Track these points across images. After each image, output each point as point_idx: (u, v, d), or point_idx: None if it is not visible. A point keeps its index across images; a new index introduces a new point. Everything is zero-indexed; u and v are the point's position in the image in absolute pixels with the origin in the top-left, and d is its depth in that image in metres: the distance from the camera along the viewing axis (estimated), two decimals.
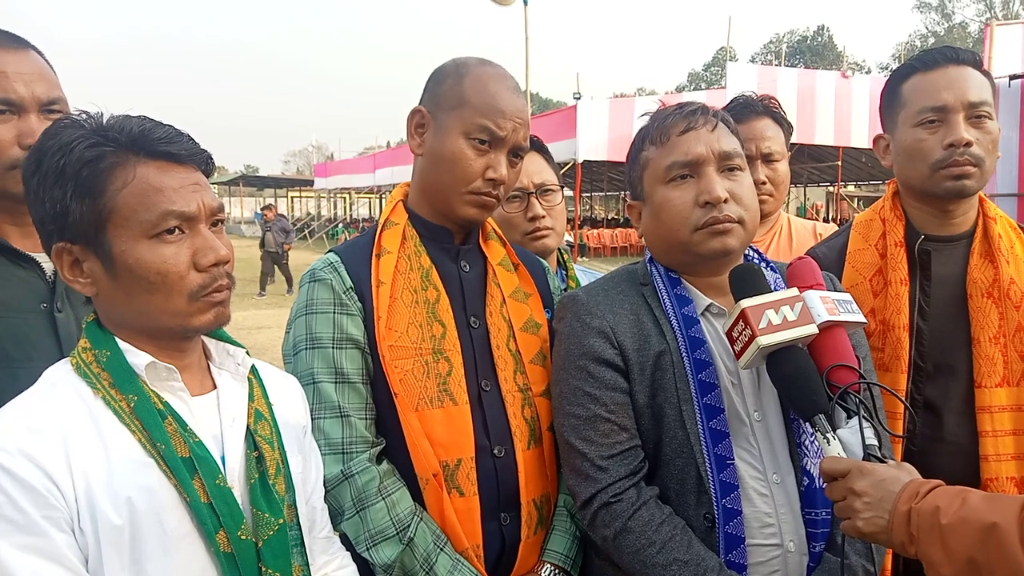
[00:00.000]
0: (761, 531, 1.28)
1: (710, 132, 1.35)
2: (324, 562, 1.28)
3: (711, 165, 1.34)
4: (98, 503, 0.97)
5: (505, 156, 1.45)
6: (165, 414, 1.05)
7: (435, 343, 1.41)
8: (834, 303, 1.23)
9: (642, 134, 1.44)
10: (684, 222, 1.34)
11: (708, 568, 1.24)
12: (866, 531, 1.06)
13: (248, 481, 1.10)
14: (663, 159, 1.36)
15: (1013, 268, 1.63)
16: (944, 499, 1.00)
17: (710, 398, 1.30)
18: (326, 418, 1.36)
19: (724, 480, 1.27)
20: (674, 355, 1.33)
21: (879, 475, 1.07)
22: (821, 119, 17.09)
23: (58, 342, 1.38)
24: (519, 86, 1.50)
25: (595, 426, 1.33)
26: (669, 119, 1.38)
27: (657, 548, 1.25)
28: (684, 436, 1.30)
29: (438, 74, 1.50)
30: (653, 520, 1.27)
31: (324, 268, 1.44)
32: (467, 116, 1.42)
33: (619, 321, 1.37)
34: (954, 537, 0.97)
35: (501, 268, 1.56)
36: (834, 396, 1.16)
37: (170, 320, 1.07)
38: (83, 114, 1.07)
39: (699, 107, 1.39)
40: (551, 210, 1.92)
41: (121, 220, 1.03)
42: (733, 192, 1.33)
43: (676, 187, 1.35)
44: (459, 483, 1.37)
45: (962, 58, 1.63)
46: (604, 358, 1.34)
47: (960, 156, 1.57)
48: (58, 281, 1.42)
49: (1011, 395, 1.59)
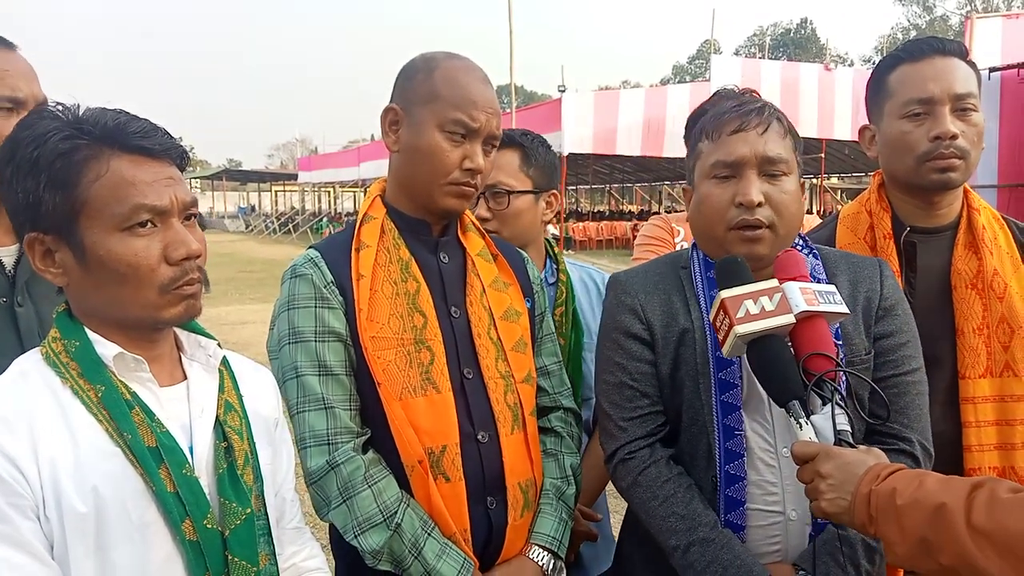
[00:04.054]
0: (764, 498, 1.36)
1: (760, 135, 1.37)
2: (293, 552, 1.30)
3: (752, 168, 1.36)
4: (64, 491, 0.99)
5: (480, 146, 1.47)
6: (132, 404, 1.06)
7: (416, 333, 1.43)
8: (814, 294, 1.25)
9: (700, 124, 1.45)
10: (720, 219, 1.38)
11: (702, 523, 1.34)
12: (830, 512, 1.09)
13: (216, 471, 1.11)
14: (711, 155, 1.40)
15: (996, 259, 1.63)
16: (902, 481, 1.02)
17: (725, 373, 1.38)
18: (311, 410, 1.37)
19: (729, 448, 1.36)
20: (697, 332, 1.41)
21: (845, 458, 1.10)
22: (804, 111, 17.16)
23: (19, 336, 1.38)
24: (487, 76, 1.52)
25: (620, 391, 1.45)
26: (725, 115, 1.40)
27: (659, 501, 1.38)
28: (699, 406, 1.39)
29: (407, 70, 1.51)
30: (660, 477, 1.40)
31: (304, 264, 1.45)
32: (440, 110, 1.44)
33: (650, 300, 1.47)
34: (907, 517, 0.99)
35: (480, 259, 1.57)
36: (809, 383, 1.19)
37: (140, 312, 1.08)
38: (59, 106, 1.07)
39: (755, 107, 1.40)
40: (500, 213, 1.86)
41: (93, 212, 1.03)
42: (770, 196, 1.35)
43: (718, 184, 1.39)
44: (444, 469, 1.39)
45: (948, 49, 1.62)
46: (632, 332, 1.46)
47: (946, 149, 1.57)
48: (18, 275, 1.42)
49: (994, 386, 1.60)
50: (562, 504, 1.54)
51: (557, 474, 1.57)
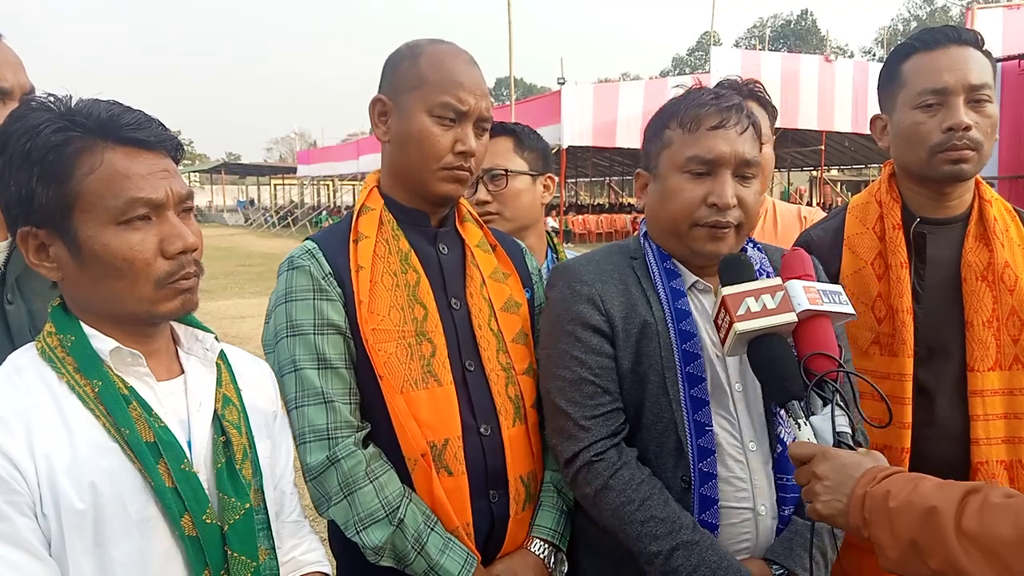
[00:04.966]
0: (735, 495, 1.34)
1: (739, 135, 1.36)
2: (292, 545, 1.29)
3: (729, 168, 1.36)
4: (61, 488, 0.98)
5: (471, 128, 1.46)
6: (130, 399, 1.05)
7: (417, 325, 1.41)
8: (818, 293, 1.24)
9: (672, 110, 1.43)
10: (688, 216, 1.37)
11: (682, 526, 1.30)
12: (825, 514, 1.09)
13: (215, 466, 1.10)
14: (687, 148, 1.37)
15: (1008, 251, 1.61)
16: (897, 484, 1.01)
17: (693, 367, 1.35)
18: (310, 405, 1.36)
19: (701, 445, 1.33)
20: (659, 325, 1.38)
21: (841, 460, 1.09)
22: (804, 103, 17.15)
23: (9, 335, 1.37)
24: (473, 59, 1.51)
25: (580, 388, 1.38)
26: (705, 109, 1.38)
27: (636, 505, 1.31)
28: (666, 402, 1.35)
29: (393, 59, 1.50)
30: (633, 479, 1.33)
31: (302, 255, 1.43)
32: (428, 94, 1.42)
33: (608, 289, 1.41)
34: (899, 520, 0.98)
35: (479, 250, 1.56)
36: (810, 383, 1.17)
37: (136, 306, 1.07)
38: (51, 97, 1.05)
39: (735, 103, 1.39)
40: (499, 195, 1.91)
41: (88, 206, 1.02)
42: (741, 198, 1.36)
43: (690, 179, 1.37)
44: (447, 462, 1.38)
45: (964, 38, 1.59)
46: (591, 324, 1.39)
47: (959, 140, 1.55)
48: (8, 272, 1.41)
49: (1003, 379, 1.59)
50: (563, 497, 1.53)
51: (557, 467, 1.54)
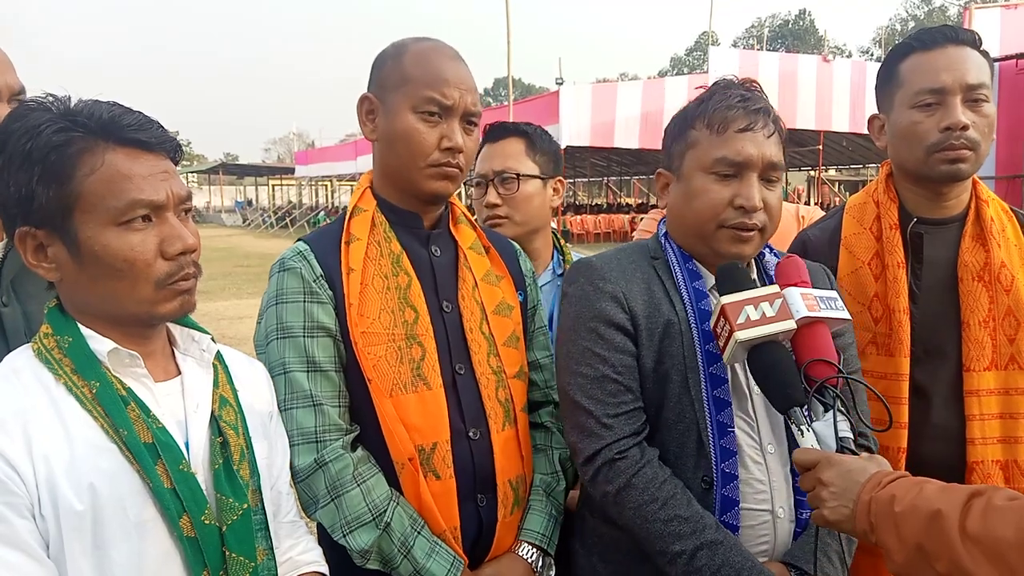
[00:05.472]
0: (754, 496, 1.34)
1: (766, 138, 1.36)
2: (289, 545, 1.29)
3: (755, 171, 1.35)
4: (59, 489, 0.98)
5: (458, 124, 1.44)
6: (128, 400, 1.05)
7: (408, 328, 1.41)
8: (815, 300, 1.25)
9: (698, 111, 1.42)
10: (714, 217, 1.36)
11: (706, 526, 1.29)
12: (832, 519, 1.09)
13: (212, 467, 1.10)
14: (714, 149, 1.36)
15: (1004, 252, 1.61)
16: (901, 488, 1.02)
17: (716, 368, 1.35)
18: (299, 407, 1.35)
19: (724, 446, 1.32)
20: (683, 324, 1.37)
21: (846, 466, 1.10)
22: (802, 103, 17.15)
23: (4, 336, 1.37)
24: (459, 54, 1.49)
25: (603, 386, 1.37)
26: (733, 111, 1.37)
27: (659, 504, 1.30)
28: (688, 402, 1.34)
29: (379, 59, 1.49)
30: (656, 478, 1.32)
31: (293, 257, 1.43)
32: (412, 91, 1.41)
33: (631, 288, 1.40)
34: (905, 524, 0.98)
35: (472, 252, 1.55)
36: (811, 390, 1.18)
37: (135, 307, 1.07)
38: (50, 97, 1.05)
39: (763, 106, 1.39)
40: (510, 199, 1.90)
41: (88, 206, 1.02)
42: (766, 201, 1.36)
43: (717, 181, 1.36)
44: (435, 466, 1.37)
45: (962, 38, 1.59)
46: (615, 321, 1.38)
47: (956, 140, 1.55)
48: (3, 274, 1.40)
49: (999, 379, 1.59)
50: (551, 500, 1.53)
51: (547, 470, 1.55)
